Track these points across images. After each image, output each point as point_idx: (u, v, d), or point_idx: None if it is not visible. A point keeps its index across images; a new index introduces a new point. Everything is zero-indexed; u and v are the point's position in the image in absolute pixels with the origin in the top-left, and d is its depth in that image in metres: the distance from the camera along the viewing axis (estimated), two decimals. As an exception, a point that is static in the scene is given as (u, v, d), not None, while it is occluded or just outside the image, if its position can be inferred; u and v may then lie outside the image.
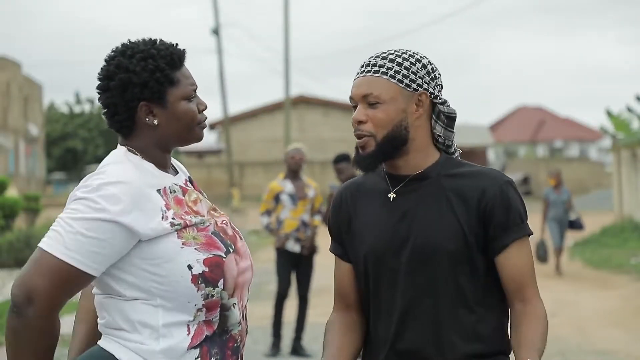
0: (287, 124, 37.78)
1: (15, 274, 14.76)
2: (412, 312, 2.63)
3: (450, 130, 2.72)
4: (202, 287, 2.44)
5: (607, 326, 10.64)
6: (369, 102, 2.66)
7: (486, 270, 2.64)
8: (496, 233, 2.61)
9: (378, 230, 2.68)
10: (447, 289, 2.61)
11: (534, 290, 2.64)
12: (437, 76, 2.71)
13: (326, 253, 13.63)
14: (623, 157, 23.84)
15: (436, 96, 2.68)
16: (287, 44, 37.45)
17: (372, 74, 2.67)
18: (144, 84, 2.50)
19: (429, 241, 2.61)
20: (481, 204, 2.60)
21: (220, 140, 50.25)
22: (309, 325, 10.03)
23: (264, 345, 9.63)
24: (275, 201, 9.21)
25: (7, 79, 39.49)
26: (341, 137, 46.04)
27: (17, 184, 31.98)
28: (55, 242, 2.38)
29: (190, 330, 2.45)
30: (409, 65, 2.66)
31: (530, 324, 2.59)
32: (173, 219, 2.46)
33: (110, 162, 2.52)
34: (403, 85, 2.64)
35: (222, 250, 2.50)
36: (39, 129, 44.32)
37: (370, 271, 2.70)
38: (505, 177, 2.66)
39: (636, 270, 15.84)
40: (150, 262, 2.43)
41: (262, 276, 15.61)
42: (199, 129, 2.58)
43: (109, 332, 2.49)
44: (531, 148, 64.97)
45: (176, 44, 2.59)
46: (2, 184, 19.61)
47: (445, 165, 2.69)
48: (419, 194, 2.66)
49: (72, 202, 2.43)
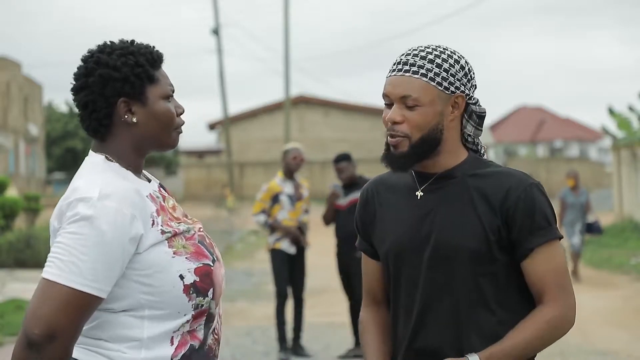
0: (287, 124, 37.77)
1: (15, 274, 14.73)
2: (431, 310, 2.59)
3: (480, 129, 2.70)
4: (193, 297, 2.40)
5: (607, 326, 10.64)
6: (407, 104, 2.59)
7: (508, 272, 2.59)
8: (521, 236, 2.56)
9: (402, 227, 2.65)
10: (467, 289, 2.57)
11: (554, 295, 2.56)
12: (473, 77, 2.66)
13: (321, 254, 13.54)
14: (623, 157, 23.83)
15: (470, 97, 2.65)
16: (287, 44, 37.44)
17: (411, 74, 2.59)
18: (124, 79, 2.44)
19: (450, 240, 2.58)
20: (504, 205, 2.56)
21: (220, 140, 50.23)
22: (308, 325, 10.03)
23: (264, 345, 9.62)
24: (272, 201, 9.13)
25: (7, 79, 39.48)
26: (341, 137, 46.02)
27: (17, 184, 31.98)
28: (70, 273, 2.28)
29: (174, 341, 2.40)
30: (448, 66, 2.60)
31: (522, 325, 2.56)
32: (162, 226, 2.40)
33: (94, 171, 2.43)
34: (442, 88, 2.59)
35: (209, 258, 2.46)
36: (38, 128, 44.32)
37: (392, 268, 2.68)
38: (531, 178, 2.60)
39: (636, 270, 15.84)
40: (141, 272, 2.36)
41: (261, 276, 15.60)
42: (175, 133, 2.53)
43: (82, 340, 2.41)
44: (531, 148, 64.96)
45: (153, 46, 2.55)
46: (2, 184, 19.60)
47: (472, 164, 2.65)
48: (444, 192, 2.63)
49: (73, 224, 2.32)
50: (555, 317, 2.56)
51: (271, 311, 10.00)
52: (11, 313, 10.86)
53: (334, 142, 45.24)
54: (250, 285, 14.64)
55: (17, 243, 15.79)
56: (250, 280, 15.26)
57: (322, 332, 10.24)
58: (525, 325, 2.56)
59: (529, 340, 2.55)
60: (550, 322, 2.56)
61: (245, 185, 44.06)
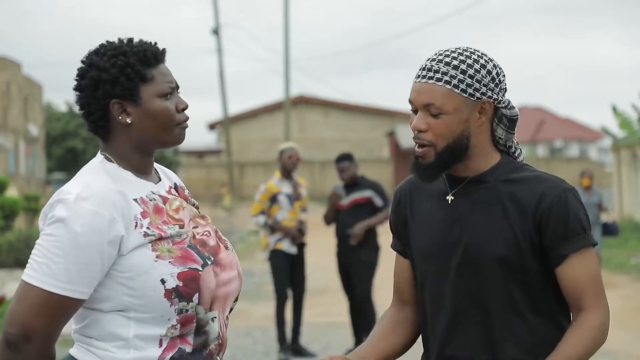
0: (287, 124, 37.77)
1: (15, 273, 14.73)
2: (462, 318, 2.55)
3: (512, 132, 2.65)
4: (176, 302, 2.36)
5: (607, 326, 10.62)
6: (431, 112, 2.54)
7: (540, 279, 2.55)
8: (554, 243, 2.51)
9: (431, 231, 2.62)
10: (498, 296, 2.53)
11: (593, 301, 2.52)
12: (502, 80, 2.60)
13: (321, 254, 13.55)
14: (623, 157, 23.83)
15: (500, 101, 2.60)
16: (287, 44, 37.45)
17: (435, 82, 2.54)
18: (114, 81, 2.42)
19: (480, 246, 2.53)
20: (538, 211, 2.51)
21: (220, 140, 50.25)
22: (309, 325, 10.03)
23: (264, 345, 9.62)
24: (270, 202, 9.11)
25: (7, 79, 39.48)
26: (341, 137, 46.01)
27: (17, 184, 31.98)
28: (43, 274, 2.30)
29: (162, 344, 2.38)
30: (474, 72, 2.54)
31: (573, 333, 2.50)
32: (148, 228, 2.38)
33: (85, 173, 2.44)
34: (467, 95, 2.53)
35: (198, 263, 2.41)
36: (38, 128, 44.31)
37: (420, 272, 2.66)
38: (566, 184, 2.56)
39: (636, 270, 15.84)
40: (124, 274, 2.35)
41: (261, 277, 15.59)
42: (178, 129, 2.50)
43: (78, 338, 2.43)
44: (531, 148, 64.94)
45: (155, 42, 2.53)
46: (2, 184, 19.59)
47: (504, 168, 2.61)
48: (475, 197, 2.58)
49: (50, 225, 2.33)
50: (599, 326, 2.51)
51: (271, 311, 10.00)
52: (11, 313, 10.85)
53: (334, 142, 45.24)
54: (251, 285, 14.63)
55: (17, 243, 15.79)
56: (251, 281, 15.25)
57: (322, 332, 10.23)
58: (575, 337, 2.50)
59: (583, 351, 2.49)
60: (596, 330, 2.51)
61: (245, 185, 44.07)
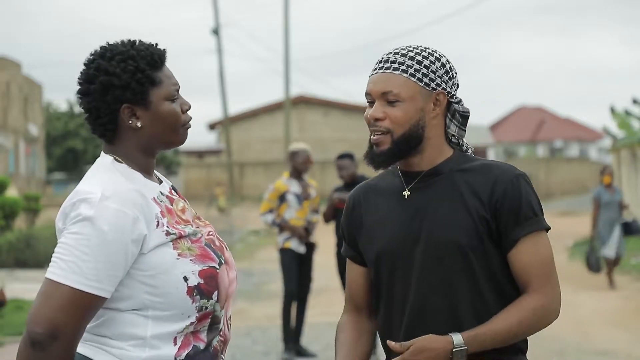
0: (287, 124, 37.78)
1: (15, 274, 14.74)
2: (428, 309, 2.58)
3: (463, 129, 2.70)
4: (197, 299, 2.40)
5: (607, 326, 10.64)
6: (388, 100, 2.61)
7: (502, 266, 2.59)
8: (507, 228, 2.56)
9: (391, 228, 2.65)
10: (462, 286, 2.57)
11: (540, 284, 2.56)
12: (454, 75, 2.68)
13: (324, 252, 13.53)
14: (623, 157, 23.84)
15: (453, 95, 2.66)
16: (287, 44, 37.46)
17: (392, 71, 2.62)
18: (125, 86, 2.43)
19: (442, 237, 2.57)
20: (492, 197, 2.57)
21: (220, 140, 50.25)
22: (309, 325, 10.03)
23: (264, 345, 9.62)
24: (279, 200, 9.11)
25: (7, 79, 39.48)
26: (341, 137, 46.04)
27: (17, 184, 31.98)
28: (72, 272, 2.31)
29: (177, 341, 2.41)
30: (429, 63, 2.62)
31: (508, 312, 2.55)
32: (168, 227, 2.41)
33: (99, 172, 2.46)
34: (422, 84, 2.61)
35: (215, 261, 2.46)
36: (38, 128, 44.31)
37: (384, 269, 2.67)
38: (517, 170, 2.62)
39: (636, 270, 15.83)
40: (145, 273, 2.37)
41: (261, 276, 15.61)
42: (183, 130, 2.53)
43: (88, 337, 2.43)
44: (531, 148, 64.98)
45: (156, 44, 2.53)
46: (2, 184, 19.59)
47: (458, 160, 2.66)
48: (432, 190, 2.63)
49: (76, 224, 2.34)
50: (539, 307, 2.56)
51: (271, 311, 10.01)
52: (11, 313, 10.86)
53: (334, 142, 45.27)
54: (251, 285, 14.64)
55: (17, 243, 15.81)
56: (251, 280, 15.26)
57: (322, 332, 10.23)
58: (510, 311, 2.56)
59: (513, 325, 2.54)
60: (535, 310, 2.56)
61: (245, 185, 44.08)
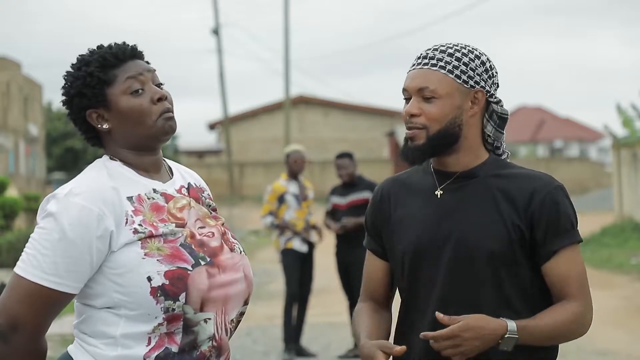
0: (287, 124, 37.77)
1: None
2: (451, 313, 2.50)
3: (501, 131, 2.65)
4: (162, 300, 2.36)
5: (608, 326, 10.63)
6: (424, 96, 2.56)
7: (532, 276, 2.57)
8: (545, 239, 2.53)
9: (421, 226, 2.60)
10: (488, 291, 2.53)
11: (578, 294, 2.57)
12: (495, 74, 2.63)
13: (321, 254, 13.50)
14: (623, 157, 23.82)
15: (492, 95, 2.62)
16: (287, 44, 37.45)
17: (430, 67, 2.58)
18: (80, 93, 2.47)
19: (471, 240, 2.53)
20: (529, 207, 2.53)
21: (220, 140, 50.22)
22: (309, 325, 10.03)
23: (264, 345, 9.62)
24: (278, 202, 9.17)
25: (7, 79, 39.47)
26: (341, 137, 46.00)
27: (17, 184, 31.98)
28: (31, 266, 2.34)
29: (150, 342, 2.40)
30: (468, 60, 2.59)
31: (554, 310, 2.54)
32: (140, 225, 2.40)
33: (87, 169, 2.49)
34: (460, 81, 2.56)
35: (188, 262, 2.41)
36: (38, 128, 44.30)
37: (409, 268, 2.62)
38: (556, 181, 2.58)
39: (636, 270, 15.83)
40: (114, 271, 2.38)
41: (262, 276, 15.61)
42: (161, 120, 2.47)
43: (76, 334, 2.47)
44: (531, 148, 64.94)
45: (123, 42, 2.52)
46: (2, 184, 19.60)
47: (493, 165, 2.62)
48: (466, 192, 2.58)
49: (42, 220, 2.38)
50: (579, 313, 2.57)
51: (271, 311, 10.01)
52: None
53: (334, 142, 45.22)
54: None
55: (17, 243, 15.80)
56: (250, 280, 15.25)
57: (322, 332, 10.24)
58: (557, 311, 2.55)
59: (557, 324, 2.54)
60: (576, 315, 2.56)
61: (245, 185, 44.05)
